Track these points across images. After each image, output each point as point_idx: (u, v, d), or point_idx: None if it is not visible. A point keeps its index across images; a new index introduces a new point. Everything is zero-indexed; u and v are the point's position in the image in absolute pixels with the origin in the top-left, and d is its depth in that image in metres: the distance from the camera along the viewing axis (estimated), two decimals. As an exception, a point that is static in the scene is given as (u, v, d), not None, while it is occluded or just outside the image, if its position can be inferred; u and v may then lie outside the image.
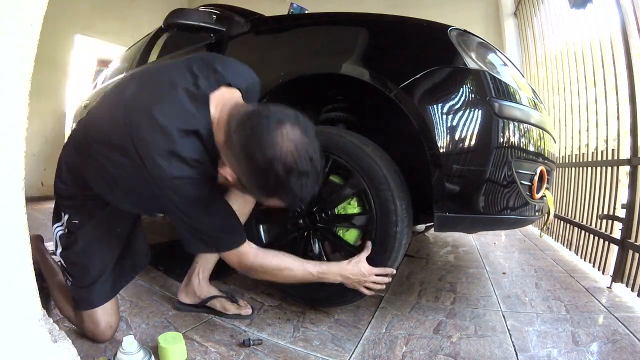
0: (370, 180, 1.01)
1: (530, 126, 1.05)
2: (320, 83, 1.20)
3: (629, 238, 1.54)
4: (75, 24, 3.91)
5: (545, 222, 1.24)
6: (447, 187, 0.96)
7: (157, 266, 1.48)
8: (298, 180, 0.65)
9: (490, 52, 1.12)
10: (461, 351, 0.94)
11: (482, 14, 4.07)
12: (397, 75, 1.01)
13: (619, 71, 1.75)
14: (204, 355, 0.87)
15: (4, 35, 0.47)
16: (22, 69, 0.50)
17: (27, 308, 0.55)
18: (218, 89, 0.77)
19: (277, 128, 0.64)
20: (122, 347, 0.75)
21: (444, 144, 0.96)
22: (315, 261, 1.00)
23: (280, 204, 0.72)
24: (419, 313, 1.18)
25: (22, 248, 0.54)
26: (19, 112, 0.51)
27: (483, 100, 0.96)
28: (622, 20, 1.62)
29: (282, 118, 0.66)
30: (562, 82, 2.68)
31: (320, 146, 0.72)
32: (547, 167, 1.15)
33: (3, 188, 0.50)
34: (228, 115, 0.72)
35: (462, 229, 1.05)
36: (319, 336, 1.00)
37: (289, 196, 0.68)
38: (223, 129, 0.72)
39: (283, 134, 0.64)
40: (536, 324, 1.11)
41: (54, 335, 0.58)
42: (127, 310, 1.09)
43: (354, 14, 1.19)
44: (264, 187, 0.68)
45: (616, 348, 0.97)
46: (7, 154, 0.50)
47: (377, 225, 1.01)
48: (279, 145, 0.63)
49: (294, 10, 1.61)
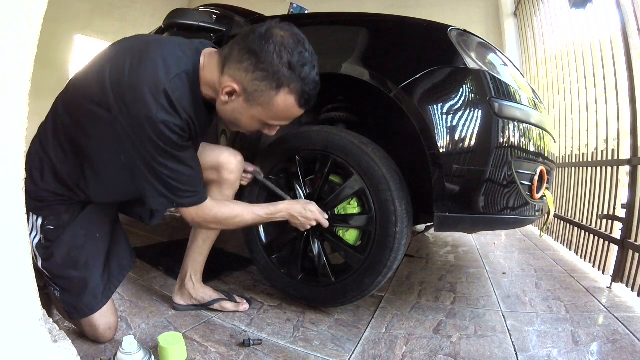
0: (370, 181, 1.01)
1: (530, 126, 1.05)
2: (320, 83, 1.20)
3: (629, 238, 1.54)
4: (75, 24, 3.91)
5: (545, 222, 1.24)
6: (447, 187, 0.96)
7: (157, 266, 1.47)
8: (301, 60, 0.73)
9: (490, 52, 1.12)
10: (461, 351, 0.94)
11: (482, 14, 4.07)
12: (397, 75, 1.01)
13: (619, 71, 1.75)
14: (204, 355, 0.87)
15: (4, 35, 0.47)
16: (22, 69, 0.50)
17: (27, 308, 0.55)
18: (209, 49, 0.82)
19: (272, 29, 0.73)
20: (122, 347, 0.75)
21: (444, 144, 0.96)
22: (263, 204, 1.03)
23: (286, 113, 0.78)
24: (419, 313, 1.18)
25: (22, 248, 0.54)
26: (19, 112, 0.51)
27: (483, 100, 0.96)
28: (622, 20, 1.62)
29: (272, 24, 0.75)
30: (562, 82, 2.68)
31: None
32: (547, 167, 1.15)
33: (3, 188, 0.50)
34: (218, 54, 0.79)
35: (462, 229, 1.05)
36: (319, 336, 1.00)
37: (297, 83, 0.74)
38: (216, 62, 0.77)
39: (278, 31, 0.73)
40: (536, 324, 1.11)
41: (54, 335, 0.58)
42: (127, 310, 1.08)
43: (354, 14, 1.19)
44: (273, 76, 0.72)
45: (616, 348, 0.97)
46: (7, 154, 0.50)
47: (377, 225, 1.01)
48: (279, 37, 0.72)
49: (294, 10, 1.61)
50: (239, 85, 0.75)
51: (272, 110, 0.77)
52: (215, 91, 0.79)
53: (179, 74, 0.73)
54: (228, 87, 0.75)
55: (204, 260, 1.11)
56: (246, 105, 0.77)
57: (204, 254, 1.10)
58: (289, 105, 0.77)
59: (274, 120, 0.80)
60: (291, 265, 1.17)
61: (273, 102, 0.75)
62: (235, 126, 0.85)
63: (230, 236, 2.11)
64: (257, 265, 1.25)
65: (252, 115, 0.79)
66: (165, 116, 0.70)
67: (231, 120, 0.83)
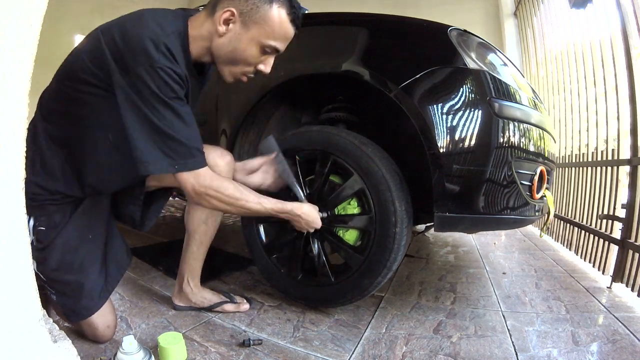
0: (369, 181, 1.01)
1: (530, 126, 1.05)
2: (320, 83, 1.20)
3: (629, 238, 1.54)
4: (75, 24, 3.91)
5: (545, 222, 1.24)
6: (447, 187, 0.96)
7: (157, 266, 1.47)
8: None
9: (490, 52, 1.12)
10: (461, 351, 0.94)
11: (482, 14, 4.07)
12: (397, 75, 1.01)
13: (619, 71, 1.75)
14: (204, 355, 0.87)
15: (4, 35, 0.47)
16: (22, 69, 0.50)
17: (27, 308, 0.55)
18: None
19: None
20: (122, 347, 0.75)
21: (444, 144, 0.96)
22: (272, 198, 0.96)
23: (281, 28, 0.80)
24: (419, 313, 1.18)
25: (22, 248, 0.54)
26: (19, 112, 0.51)
27: (483, 100, 0.96)
28: (622, 20, 1.62)
29: None
30: (562, 82, 2.68)
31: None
32: (547, 167, 1.15)
33: (3, 188, 0.50)
34: (203, 10, 0.83)
35: (462, 229, 1.05)
36: (319, 336, 1.00)
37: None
38: (204, 15, 0.82)
39: None
40: (536, 324, 1.11)
41: (54, 335, 0.58)
42: (127, 310, 1.08)
43: (354, 14, 1.19)
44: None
45: (616, 348, 0.97)
46: (7, 154, 0.50)
47: (377, 225, 1.01)
48: None
49: (294, 10, 1.60)
50: (236, 8, 0.78)
51: (269, 25, 0.79)
52: (209, 37, 0.82)
53: (173, 32, 0.76)
54: (226, 12, 0.78)
55: (200, 265, 1.10)
56: (244, 28, 0.80)
57: (200, 259, 1.09)
58: (282, 19, 0.80)
59: (271, 39, 0.81)
60: (291, 265, 1.17)
61: (268, 15, 0.78)
62: (233, 62, 0.84)
63: (231, 236, 2.11)
64: (257, 265, 1.25)
65: (250, 37, 0.80)
66: (167, 62, 0.71)
67: (229, 53, 0.83)
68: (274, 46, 0.82)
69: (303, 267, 1.16)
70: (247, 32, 0.80)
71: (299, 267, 1.15)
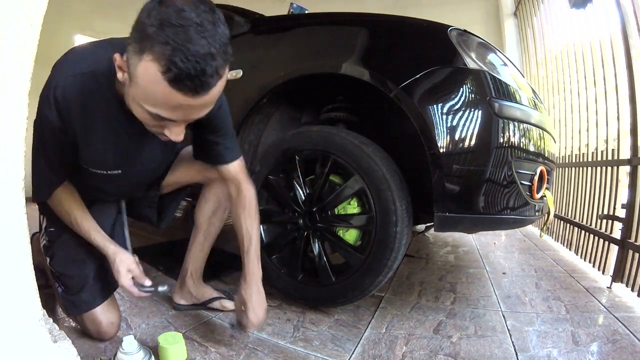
0: (370, 180, 1.01)
1: (530, 126, 1.05)
2: (320, 83, 1.20)
3: (629, 238, 1.53)
4: (75, 24, 3.91)
5: (545, 222, 1.24)
6: (447, 187, 0.96)
7: (157, 266, 1.48)
8: (179, 19, 0.51)
9: (490, 52, 1.12)
10: (461, 351, 0.94)
11: (482, 14, 4.08)
12: (397, 75, 1.01)
13: (619, 71, 1.75)
14: (204, 355, 0.87)
15: (4, 35, 0.47)
16: (22, 69, 0.50)
17: (27, 308, 0.55)
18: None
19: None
20: (122, 347, 0.75)
21: (444, 144, 0.96)
22: (105, 236, 0.87)
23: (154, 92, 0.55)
24: (419, 313, 1.18)
25: (22, 248, 0.54)
26: (19, 112, 0.51)
27: (483, 100, 0.96)
28: (622, 20, 1.62)
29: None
30: (562, 82, 2.68)
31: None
32: (547, 167, 1.15)
33: (3, 188, 0.50)
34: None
35: (462, 229, 1.05)
36: (319, 336, 1.00)
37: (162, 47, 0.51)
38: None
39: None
40: (536, 324, 1.11)
41: (54, 335, 0.58)
42: (127, 310, 1.08)
43: (354, 14, 1.19)
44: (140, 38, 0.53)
45: (616, 348, 0.97)
46: (7, 154, 0.50)
47: (377, 225, 1.01)
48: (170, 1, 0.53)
49: (294, 10, 1.61)
50: (120, 57, 0.59)
51: (140, 86, 0.56)
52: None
53: (84, 72, 0.68)
54: (117, 56, 0.59)
55: (204, 258, 1.11)
56: (129, 83, 0.59)
57: (205, 251, 1.10)
58: (151, 77, 0.53)
59: (149, 104, 0.58)
60: (291, 265, 1.17)
61: (137, 72, 0.55)
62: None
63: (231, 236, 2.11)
64: (257, 265, 1.25)
65: (131, 98, 0.60)
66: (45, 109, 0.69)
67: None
68: (155, 114, 0.58)
69: (303, 267, 1.16)
70: (129, 88, 0.60)
71: (299, 267, 1.15)
